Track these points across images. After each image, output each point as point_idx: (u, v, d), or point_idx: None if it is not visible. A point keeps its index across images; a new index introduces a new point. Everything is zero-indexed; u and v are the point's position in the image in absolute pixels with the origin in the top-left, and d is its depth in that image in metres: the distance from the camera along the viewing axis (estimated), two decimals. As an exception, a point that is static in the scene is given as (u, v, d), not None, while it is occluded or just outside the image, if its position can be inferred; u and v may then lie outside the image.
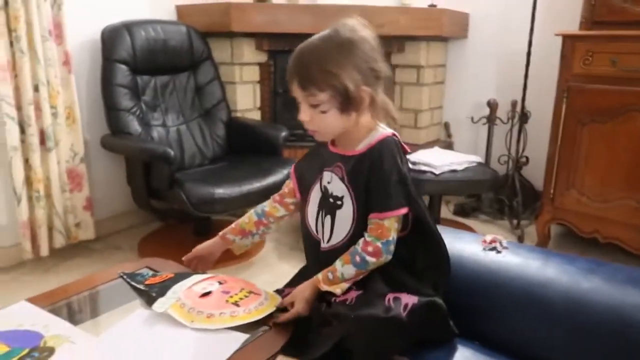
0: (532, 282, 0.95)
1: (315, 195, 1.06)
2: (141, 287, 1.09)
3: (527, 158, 2.72)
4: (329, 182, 1.03)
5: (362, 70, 0.93)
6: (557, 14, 2.58)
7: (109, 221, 2.52)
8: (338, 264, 0.98)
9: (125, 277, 1.14)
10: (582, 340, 0.87)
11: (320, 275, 0.99)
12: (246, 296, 1.01)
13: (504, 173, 2.76)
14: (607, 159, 2.10)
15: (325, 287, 0.97)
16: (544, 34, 2.53)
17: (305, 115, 0.97)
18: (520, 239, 2.50)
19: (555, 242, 2.47)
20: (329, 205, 1.02)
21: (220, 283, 1.06)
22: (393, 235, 0.96)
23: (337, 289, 0.96)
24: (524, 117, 2.67)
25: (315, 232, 1.06)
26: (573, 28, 2.29)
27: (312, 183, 1.07)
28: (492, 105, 2.78)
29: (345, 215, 1.00)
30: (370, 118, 0.99)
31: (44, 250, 2.14)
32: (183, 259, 1.19)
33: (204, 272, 1.16)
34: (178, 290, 1.04)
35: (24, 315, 0.98)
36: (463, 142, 3.09)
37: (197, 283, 1.06)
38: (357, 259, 0.96)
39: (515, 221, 2.64)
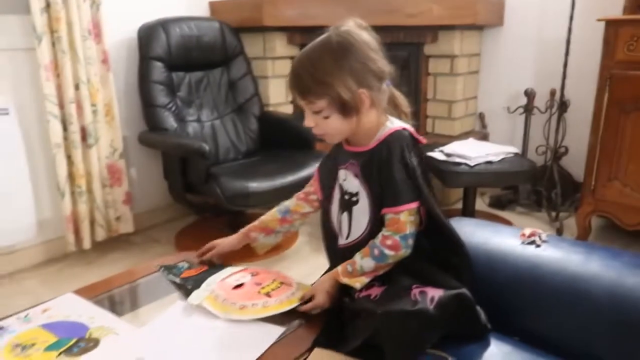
0: (575, 277, 0.93)
1: (336, 195, 1.08)
2: (177, 280, 1.13)
3: (566, 148, 2.64)
4: (344, 180, 1.05)
5: (357, 74, 0.94)
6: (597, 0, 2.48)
7: (147, 215, 2.59)
8: (357, 256, 0.99)
9: (163, 271, 1.17)
10: (627, 338, 0.84)
11: (339, 268, 1.00)
12: (278, 287, 1.03)
13: (541, 164, 2.69)
14: (653, 148, 2.01)
15: (344, 280, 0.98)
16: (585, 20, 2.44)
17: (309, 121, 1.00)
18: (559, 232, 2.43)
19: (597, 235, 2.39)
20: (346, 203, 1.04)
21: (252, 275, 1.08)
22: (410, 230, 0.96)
23: (357, 283, 0.97)
24: (564, 106, 2.58)
25: (337, 230, 1.08)
26: (616, 13, 2.20)
27: (333, 182, 1.09)
28: (530, 95, 2.70)
29: (362, 211, 1.01)
30: (377, 116, 1.00)
31: (87, 243, 2.22)
32: (196, 253, 1.23)
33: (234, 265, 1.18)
34: (212, 282, 1.07)
35: (70, 307, 1.02)
36: (499, 132, 3.02)
37: (230, 275, 1.09)
38: (376, 252, 0.97)
39: (553, 213, 2.57)
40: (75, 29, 2.04)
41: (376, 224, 1.00)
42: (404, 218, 0.96)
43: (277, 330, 0.94)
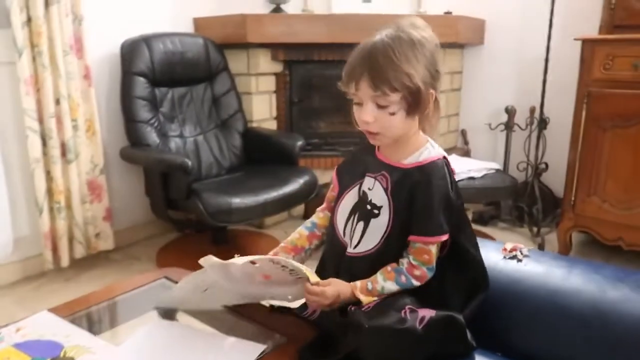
0: (556, 291, 0.93)
1: (349, 199, 1.03)
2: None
3: (546, 164, 2.68)
4: (369, 189, 1.00)
5: (429, 71, 0.91)
6: (575, 19, 2.54)
7: (127, 231, 2.55)
8: (380, 277, 0.95)
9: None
10: (610, 351, 0.84)
11: (359, 284, 0.95)
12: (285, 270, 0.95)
13: (523, 180, 2.72)
14: (630, 164, 2.05)
15: (361, 296, 0.94)
16: (562, 39, 2.50)
17: (369, 116, 0.91)
18: (541, 247, 2.45)
19: (577, 250, 2.42)
20: (364, 212, 0.99)
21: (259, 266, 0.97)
22: (435, 261, 0.95)
23: (367, 300, 0.94)
24: (543, 123, 2.63)
25: (342, 235, 1.03)
26: (592, 33, 2.26)
27: (349, 186, 1.04)
28: (510, 112, 2.75)
29: (379, 226, 0.97)
30: (426, 124, 0.97)
31: (65, 261, 2.17)
32: None
33: None
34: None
35: (45, 325, 0.99)
36: (480, 149, 3.06)
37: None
38: (403, 279, 0.94)
39: (535, 229, 2.60)
40: (57, 44, 2.03)
41: (388, 242, 0.97)
42: (434, 250, 0.94)
43: (258, 348, 0.92)
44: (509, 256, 1.05)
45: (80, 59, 2.16)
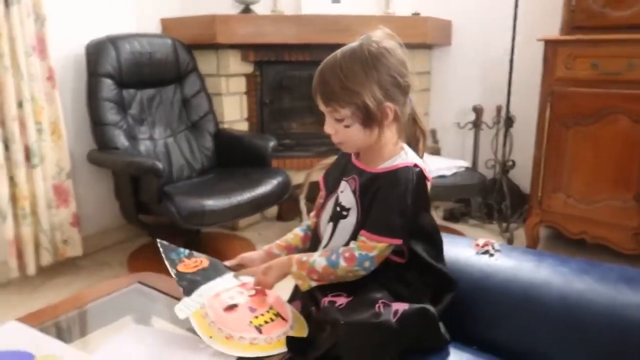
0: (527, 284, 0.96)
1: (331, 202, 1.06)
2: (173, 272, 1.05)
3: (513, 162, 2.75)
4: (342, 192, 1.03)
5: (385, 86, 0.93)
6: (538, 19, 2.62)
7: (96, 237, 2.49)
8: (316, 254, 0.98)
9: (162, 248, 1.11)
10: (579, 340, 0.88)
11: (296, 255, 1.00)
12: (272, 319, 0.96)
13: (491, 177, 2.79)
14: (592, 160, 2.13)
15: (293, 268, 0.97)
16: (526, 39, 2.57)
17: (329, 128, 0.98)
18: (510, 242, 2.52)
19: (544, 245, 2.49)
20: (336, 214, 1.03)
21: (249, 296, 1.01)
22: (374, 254, 0.94)
23: (301, 282, 0.97)
24: (509, 121, 2.70)
25: (322, 236, 1.06)
26: (554, 33, 2.33)
27: (333, 190, 1.07)
28: (478, 111, 2.81)
29: (347, 227, 1.00)
30: (396, 134, 0.99)
31: (31, 269, 2.10)
32: (226, 263, 1.15)
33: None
34: (204, 294, 1.00)
35: (14, 335, 0.96)
36: (450, 147, 3.11)
37: (226, 290, 1.02)
38: (333, 256, 0.95)
39: (504, 224, 2.67)
40: (18, 45, 1.96)
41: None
42: (378, 247, 0.94)
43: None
44: (481, 251, 1.08)
45: (43, 60, 2.09)
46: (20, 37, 1.97)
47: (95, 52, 2.24)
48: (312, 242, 1.11)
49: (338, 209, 1.02)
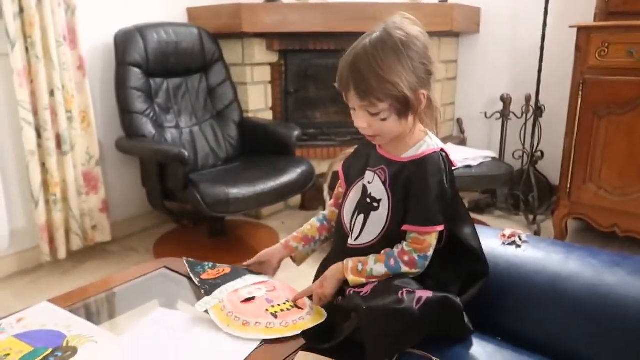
0: (555, 276, 0.94)
1: (355, 193, 1.04)
2: (196, 280, 1.10)
3: (542, 152, 2.69)
4: (369, 182, 1.01)
5: (418, 73, 0.91)
6: (570, 7, 2.54)
7: (124, 223, 2.54)
8: (371, 259, 0.96)
9: (187, 265, 1.17)
10: (608, 334, 0.85)
11: (350, 263, 0.98)
12: (288, 309, 0.99)
13: (518, 168, 2.73)
14: (625, 151, 2.07)
15: (350, 277, 0.96)
16: (558, 27, 2.50)
17: (362, 122, 0.94)
18: (537, 235, 2.47)
19: (573, 237, 2.44)
20: (365, 205, 1.01)
21: (268, 290, 1.05)
22: (431, 252, 0.95)
23: (356, 282, 0.96)
24: (539, 111, 2.64)
25: (348, 227, 1.04)
26: (587, 20, 2.26)
27: (354, 181, 1.06)
28: (506, 100, 2.75)
29: (379, 218, 0.98)
30: (423, 121, 0.97)
31: (62, 253, 2.16)
32: (244, 264, 1.17)
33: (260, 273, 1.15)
34: (225, 290, 1.04)
35: (46, 316, 0.99)
36: (476, 138, 3.06)
37: (245, 287, 1.05)
38: (392, 262, 0.95)
39: (531, 216, 2.61)
40: (50, 35, 2.00)
41: (388, 234, 0.97)
42: (430, 240, 0.94)
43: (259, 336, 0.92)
44: (507, 242, 1.06)
45: (73, 49, 2.14)
46: (51, 27, 2.00)
47: (123, 42, 2.27)
48: (338, 234, 1.09)
49: (368, 200, 1.00)
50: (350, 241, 1.02)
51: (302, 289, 1.06)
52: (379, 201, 0.98)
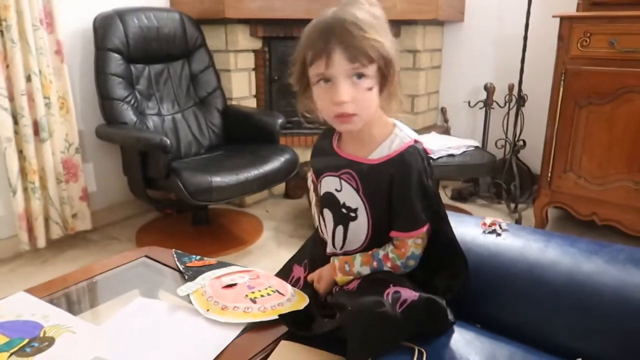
0: (534, 264, 0.95)
1: (326, 200, 1.00)
2: (181, 267, 1.12)
3: (524, 141, 2.72)
4: (337, 190, 0.96)
5: (392, 42, 0.87)
6: (554, -4, 2.55)
7: (105, 212, 2.51)
8: (357, 261, 0.96)
9: (175, 256, 1.18)
10: (586, 321, 0.87)
11: (337, 263, 0.98)
12: (268, 294, 0.99)
13: (501, 157, 2.76)
14: (605, 141, 2.09)
15: (338, 276, 0.98)
16: (541, 17, 2.51)
17: (346, 94, 0.83)
18: (518, 223, 2.50)
19: (553, 225, 2.48)
20: (342, 216, 0.97)
21: (250, 278, 1.05)
22: (414, 251, 0.94)
23: (345, 281, 0.97)
24: (521, 100, 2.65)
25: (325, 236, 1.04)
26: (570, 10, 2.27)
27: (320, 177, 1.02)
28: (489, 89, 2.76)
29: (360, 228, 0.96)
30: (390, 105, 0.91)
31: (41, 242, 2.13)
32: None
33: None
34: (207, 277, 1.05)
35: (23, 306, 0.97)
36: (460, 126, 3.08)
37: (228, 274, 1.06)
38: (375, 264, 0.95)
39: (512, 205, 2.65)
40: (26, 18, 1.95)
41: (374, 238, 0.96)
42: (411, 242, 0.93)
43: (240, 325, 0.92)
44: (488, 230, 1.07)
45: (51, 33, 2.08)
46: (27, 10, 1.95)
47: (102, 26, 2.22)
48: (318, 239, 1.08)
49: (344, 210, 0.96)
50: (330, 249, 1.03)
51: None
52: (355, 210, 0.95)
